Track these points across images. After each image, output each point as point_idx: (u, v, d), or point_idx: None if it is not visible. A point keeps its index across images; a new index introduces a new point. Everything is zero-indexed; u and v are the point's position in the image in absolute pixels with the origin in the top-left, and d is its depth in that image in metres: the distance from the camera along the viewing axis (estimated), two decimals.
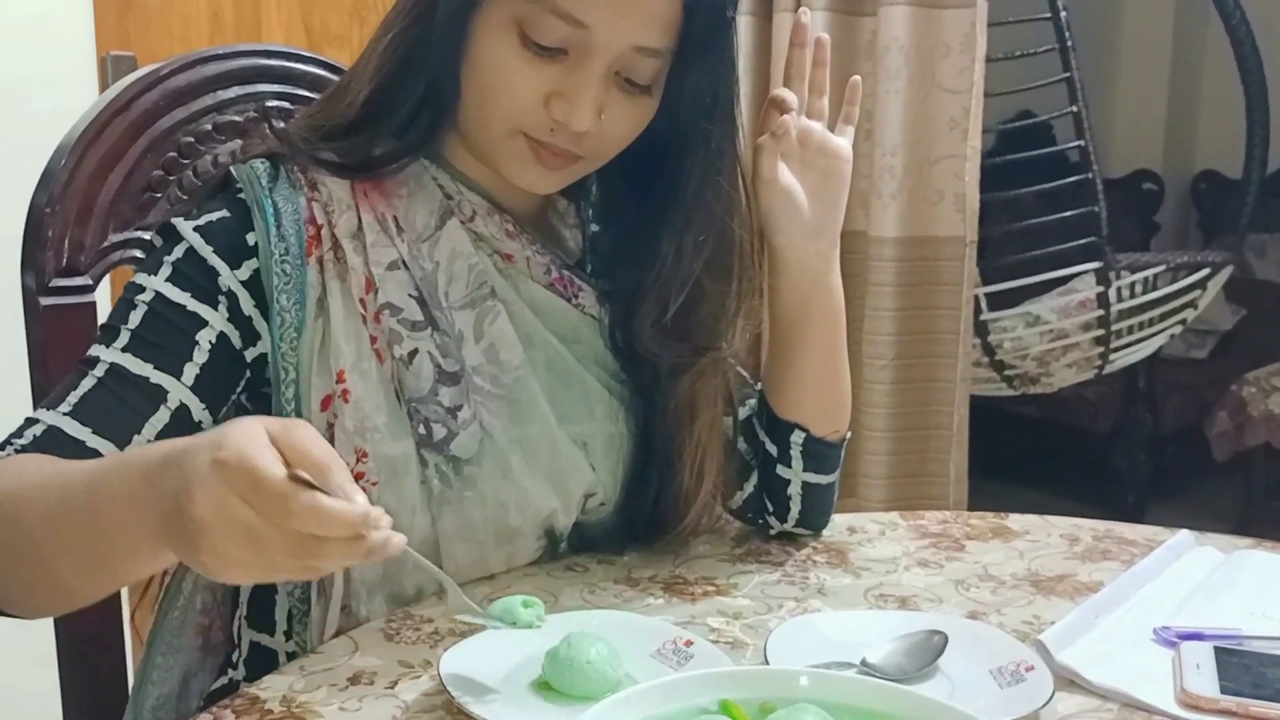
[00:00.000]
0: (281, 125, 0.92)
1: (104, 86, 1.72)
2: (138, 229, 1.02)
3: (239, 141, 1.05)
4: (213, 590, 0.95)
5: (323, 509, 0.57)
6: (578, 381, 0.95)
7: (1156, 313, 2.70)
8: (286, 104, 1.08)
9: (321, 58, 1.12)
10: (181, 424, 0.82)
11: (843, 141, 0.97)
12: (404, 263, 0.88)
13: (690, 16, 0.85)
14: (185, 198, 1.02)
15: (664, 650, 0.77)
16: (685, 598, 0.90)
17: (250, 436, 0.58)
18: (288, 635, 0.89)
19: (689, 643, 0.78)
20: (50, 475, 0.71)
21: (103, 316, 0.99)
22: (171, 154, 1.03)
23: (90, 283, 1.00)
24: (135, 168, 1.01)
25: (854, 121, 0.99)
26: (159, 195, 1.03)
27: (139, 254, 1.01)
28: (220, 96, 1.05)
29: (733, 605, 0.89)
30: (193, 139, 1.04)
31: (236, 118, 1.06)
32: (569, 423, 0.93)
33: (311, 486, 0.57)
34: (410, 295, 0.88)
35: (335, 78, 1.11)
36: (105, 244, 1.00)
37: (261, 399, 0.88)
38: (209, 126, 1.05)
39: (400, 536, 0.61)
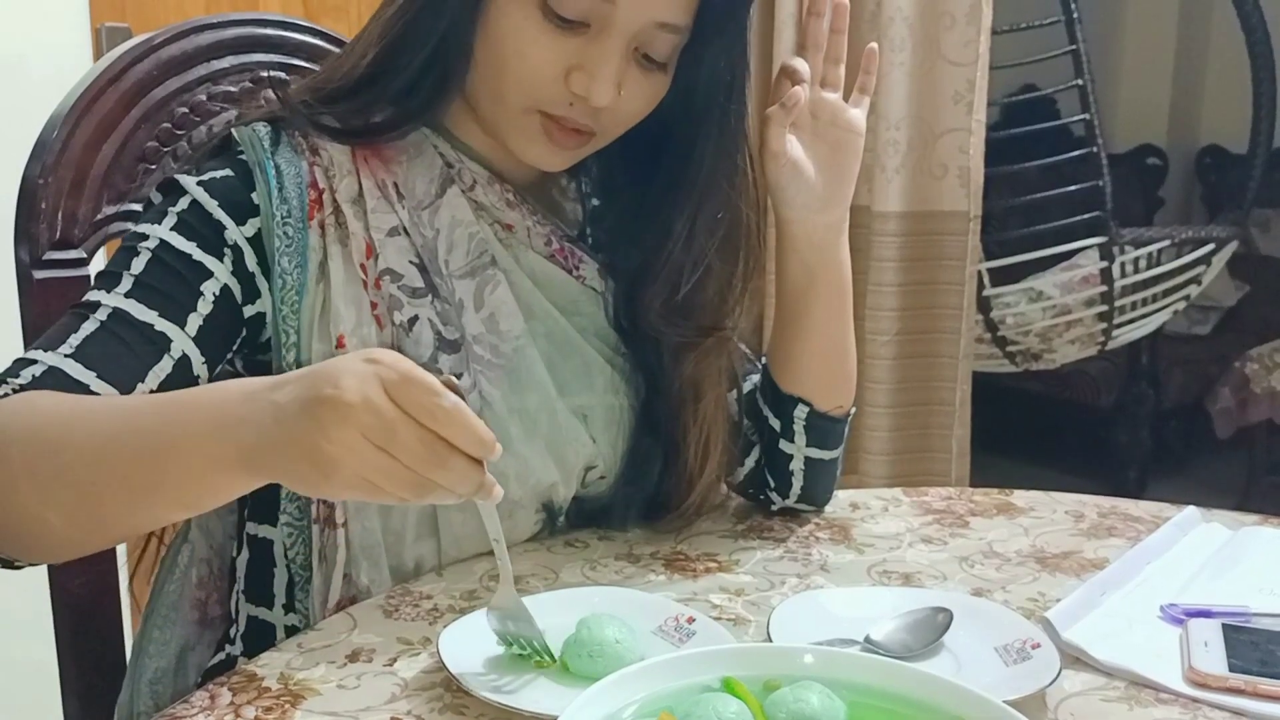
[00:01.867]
0: (285, 88, 0.90)
1: (98, 58, 1.70)
2: (132, 201, 1.00)
3: (234, 111, 1.03)
4: (209, 563, 0.94)
5: (467, 413, 0.61)
6: (578, 353, 0.94)
7: (1160, 288, 2.69)
8: (281, 74, 1.06)
9: (317, 26, 1.11)
10: (182, 375, 0.80)
11: (856, 113, 0.95)
12: (404, 229, 0.87)
13: None
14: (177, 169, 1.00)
15: (666, 627, 0.76)
16: (687, 574, 0.89)
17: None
18: (286, 608, 0.88)
19: (691, 620, 0.77)
20: (101, 401, 0.72)
21: None
22: (165, 124, 1.02)
23: (84, 256, 0.98)
24: (129, 138, 1.00)
25: (870, 92, 0.97)
26: (153, 166, 1.01)
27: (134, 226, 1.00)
28: (214, 66, 1.03)
29: (735, 582, 0.88)
30: (187, 109, 1.03)
31: (231, 88, 1.04)
32: (569, 394, 0.92)
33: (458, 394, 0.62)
34: (411, 262, 0.87)
35: (331, 47, 1.10)
36: (99, 216, 0.99)
37: (256, 365, 0.87)
38: (203, 96, 1.03)
39: (500, 489, 0.64)
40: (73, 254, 0.97)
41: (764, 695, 0.60)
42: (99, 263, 1.01)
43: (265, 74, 1.03)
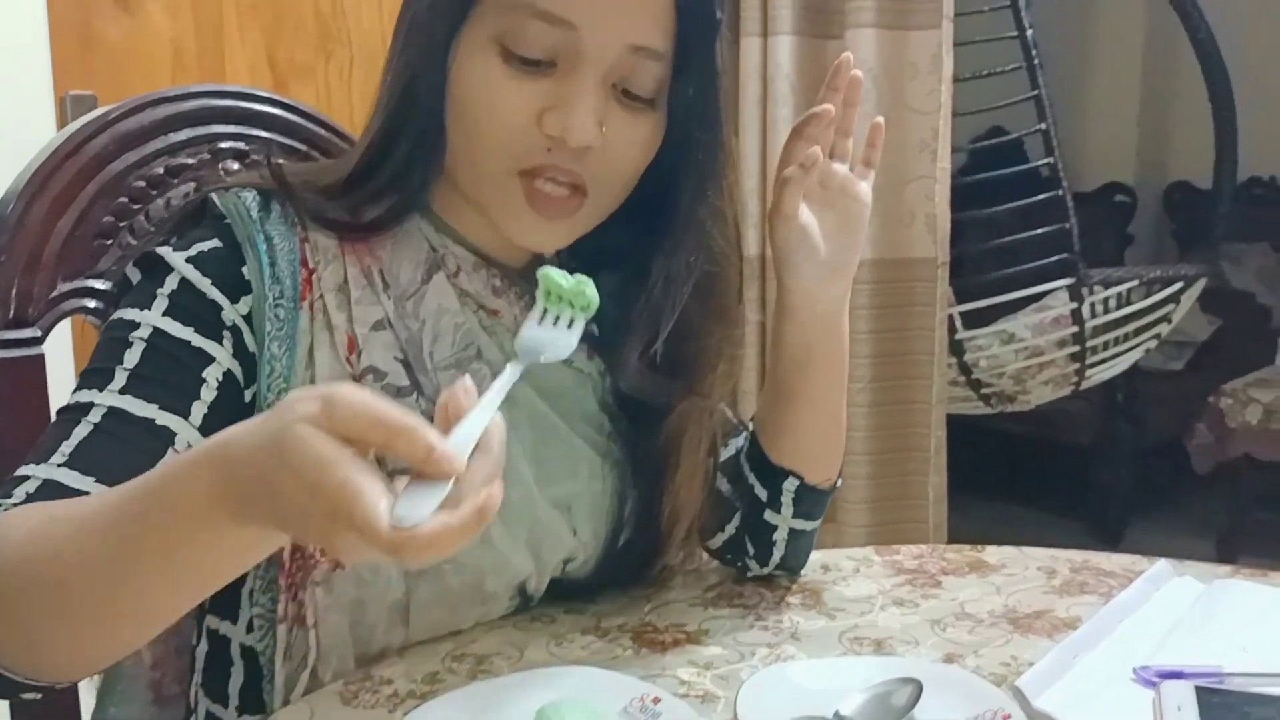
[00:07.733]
0: (278, 167, 0.86)
1: (63, 127, 1.69)
2: (88, 278, 0.99)
3: (192, 184, 1.03)
4: (164, 641, 0.92)
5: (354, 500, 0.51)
6: (562, 440, 0.90)
7: (1131, 328, 2.70)
8: (241, 144, 1.06)
9: (277, 97, 1.10)
10: None
11: (865, 186, 0.92)
12: (389, 322, 0.83)
13: (682, 16, 0.81)
14: (135, 244, 0.99)
15: (631, 709, 0.75)
16: (655, 648, 0.88)
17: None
18: (240, 710, 0.85)
19: (657, 700, 0.75)
20: (85, 515, 0.61)
21: (53, 368, 0.97)
22: (122, 199, 1.01)
23: (39, 334, 0.97)
24: (85, 214, 0.99)
25: (874, 166, 0.93)
26: (110, 242, 1.01)
27: (90, 304, 0.98)
28: (172, 139, 1.03)
29: (704, 654, 0.86)
30: (144, 183, 1.02)
31: (189, 160, 1.04)
32: (551, 484, 0.89)
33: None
34: (395, 358, 0.83)
35: (292, 117, 1.09)
36: (54, 294, 0.98)
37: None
38: (160, 170, 1.03)
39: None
40: (27, 333, 0.96)
41: None
42: (54, 341, 1.00)
43: (213, 150, 1.02)
